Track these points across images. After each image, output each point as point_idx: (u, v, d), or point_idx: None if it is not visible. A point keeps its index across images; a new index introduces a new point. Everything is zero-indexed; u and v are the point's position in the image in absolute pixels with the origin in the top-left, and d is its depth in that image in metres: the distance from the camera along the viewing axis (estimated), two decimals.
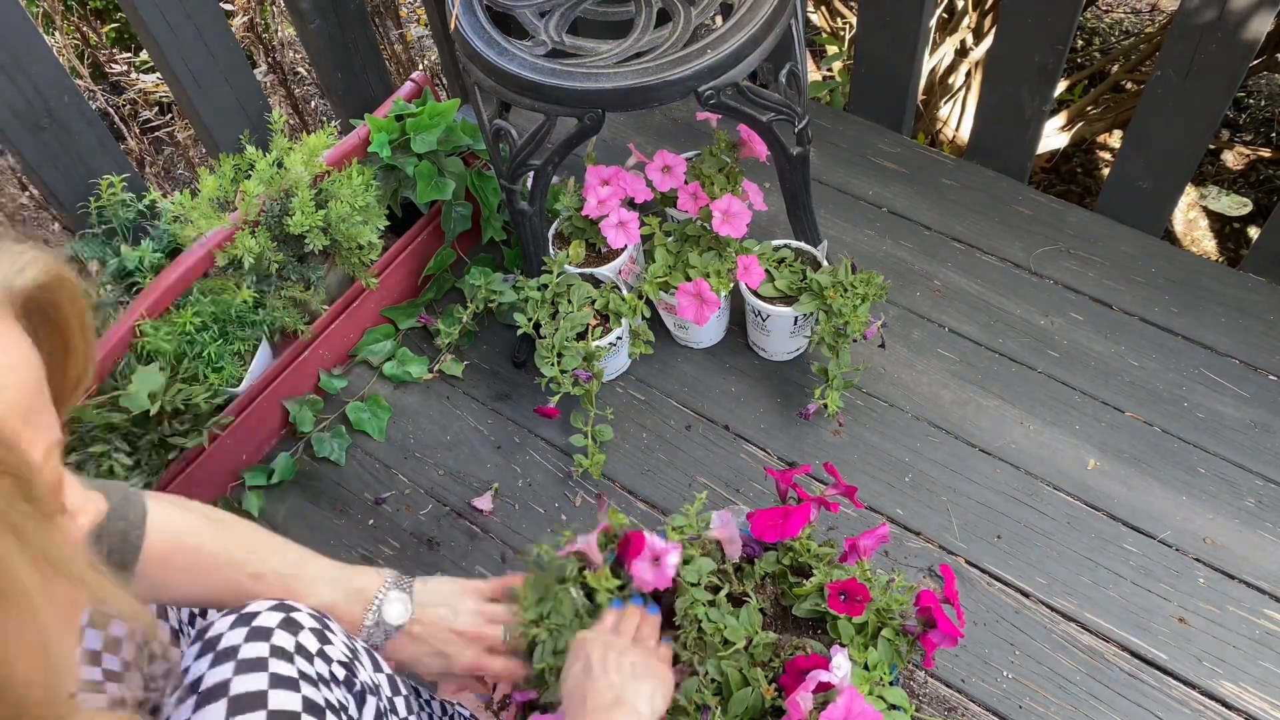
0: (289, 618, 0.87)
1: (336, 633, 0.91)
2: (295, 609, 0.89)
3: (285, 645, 0.84)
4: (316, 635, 0.87)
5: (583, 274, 1.56)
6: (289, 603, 0.89)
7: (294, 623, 0.86)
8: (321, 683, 0.83)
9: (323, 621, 0.90)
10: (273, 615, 0.86)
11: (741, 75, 1.26)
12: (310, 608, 0.91)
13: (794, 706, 1.01)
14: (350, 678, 0.89)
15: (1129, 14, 2.73)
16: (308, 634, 0.86)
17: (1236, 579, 1.38)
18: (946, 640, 1.07)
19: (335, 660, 0.87)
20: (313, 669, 0.84)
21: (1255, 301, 1.62)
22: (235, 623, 0.85)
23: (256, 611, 0.86)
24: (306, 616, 0.88)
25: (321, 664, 0.85)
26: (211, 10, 1.54)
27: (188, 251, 1.48)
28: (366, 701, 0.90)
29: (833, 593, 1.09)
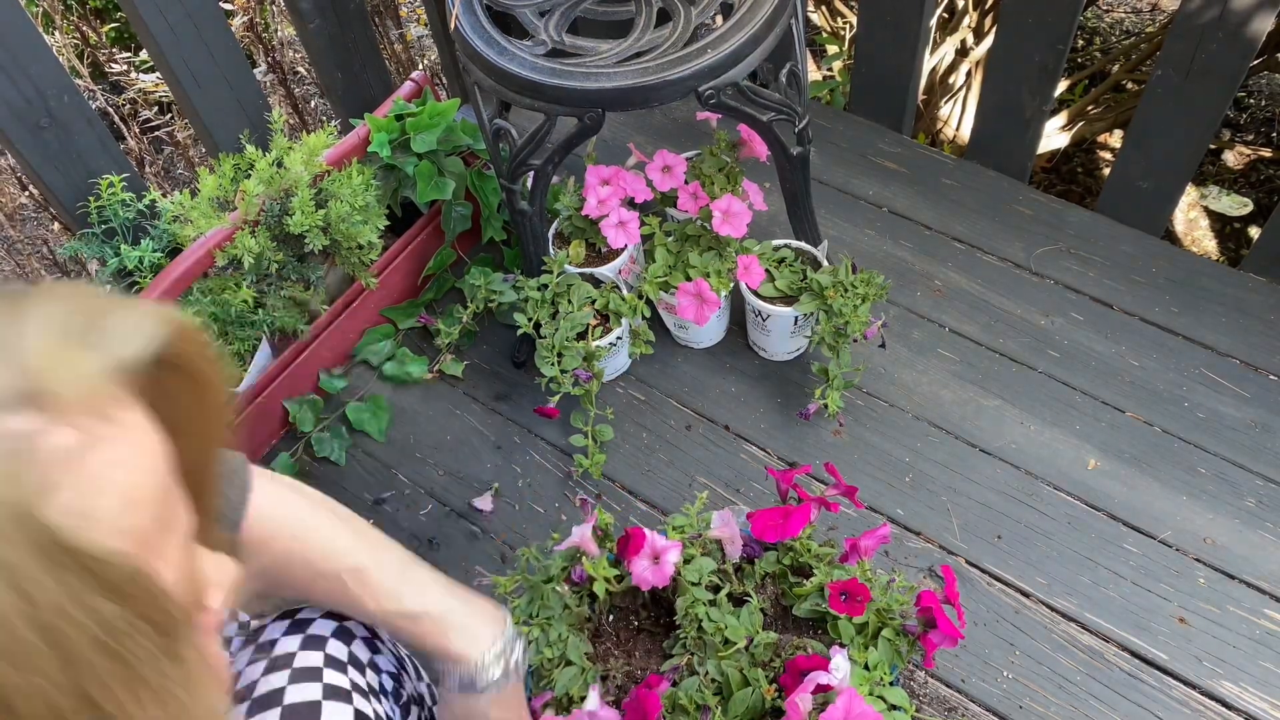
0: (343, 626, 0.86)
1: (385, 641, 0.90)
2: (347, 617, 0.88)
3: (339, 655, 0.83)
4: (368, 645, 0.87)
5: (583, 274, 1.56)
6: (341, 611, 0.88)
7: (347, 632, 0.86)
8: (372, 694, 0.83)
9: (374, 631, 0.89)
10: (326, 623, 0.86)
11: (741, 75, 1.26)
12: None
13: (793, 708, 1.01)
14: (398, 689, 0.88)
15: (1129, 14, 2.73)
16: (360, 644, 0.86)
17: (1236, 579, 1.38)
18: (947, 641, 1.07)
19: (385, 671, 0.87)
20: (364, 680, 0.83)
21: (1255, 301, 1.62)
22: (289, 629, 0.84)
23: (311, 619, 0.86)
24: (358, 625, 0.88)
25: (373, 674, 0.85)
26: (211, 10, 1.54)
27: (187, 251, 1.48)
28: (410, 712, 0.90)
29: (833, 593, 1.09)
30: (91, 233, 1.54)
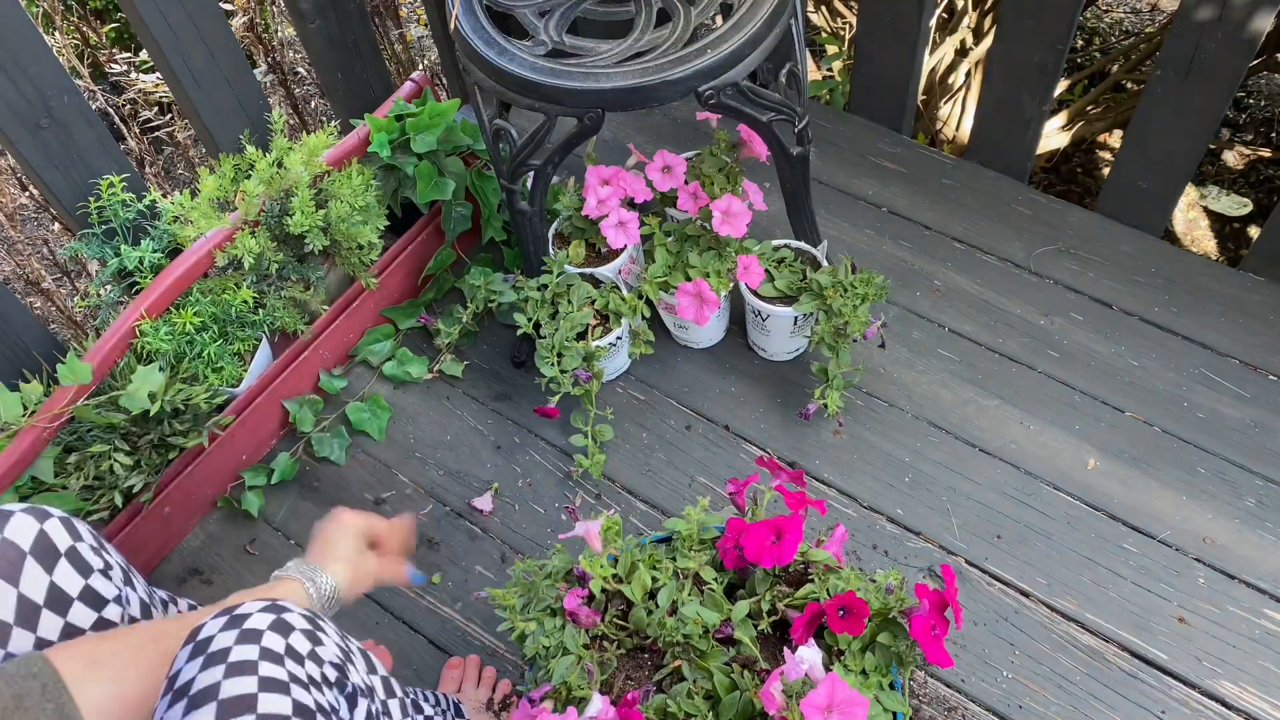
0: (280, 619, 0.86)
1: (329, 634, 0.90)
2: (287, 609, 0.88)
3: (275, 648, 0.83)
4: (308, 636, 0.87)
5: (583, 274, 1.56)
6: (281, 603, 0.88)
7: (285, 624, 0.86)
8: (312, 685, 0.83)
9: (315, 623, 0.89)
10: (264, 617, 0.86)
11: (741, 75, 1.26)
12: (299, 607, 0.90)
13: (768, 699, 1.01)
14: (342, 679, 0.88)
15: (1129, 14, 2.73)
16: (299, 635, 0.86)
17: (1236, 579, 1.38)
18: (940, 661, 1.07)
19: (327, 662, 0.87)
20: (303, 671, 0.83)
21: (1255, 301, 1.62)
22: (226, 624, 0.85)
23: (248, 613, 0.86)
24: (298, 618, 0.88)
25: (313, 666, 0.85)
26: (211, 10, 1.54)
27: (188, 251, 1.48)
28: (358, 704, 0.89)
29: (831, 611, 1.08)
30: (91, 233, 1.54)
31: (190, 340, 1.49)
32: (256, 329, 1.56)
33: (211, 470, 1.54)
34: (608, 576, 1.16)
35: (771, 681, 1.01)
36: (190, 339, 1.49)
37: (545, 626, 1.15)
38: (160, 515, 1.50)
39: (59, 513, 0.94)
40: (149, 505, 1.48)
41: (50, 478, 1.39)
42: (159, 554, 1.55)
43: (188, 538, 1.57)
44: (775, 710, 1.01)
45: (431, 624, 1.45)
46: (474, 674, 1.38)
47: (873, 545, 1.45)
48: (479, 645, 1.43)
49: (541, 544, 1.50)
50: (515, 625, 1.16)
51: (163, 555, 1.55)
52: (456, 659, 1.40)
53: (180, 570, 1.54)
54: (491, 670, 1.38)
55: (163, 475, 1.49)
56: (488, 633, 1.44)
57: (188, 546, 1.56)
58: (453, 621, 1.45)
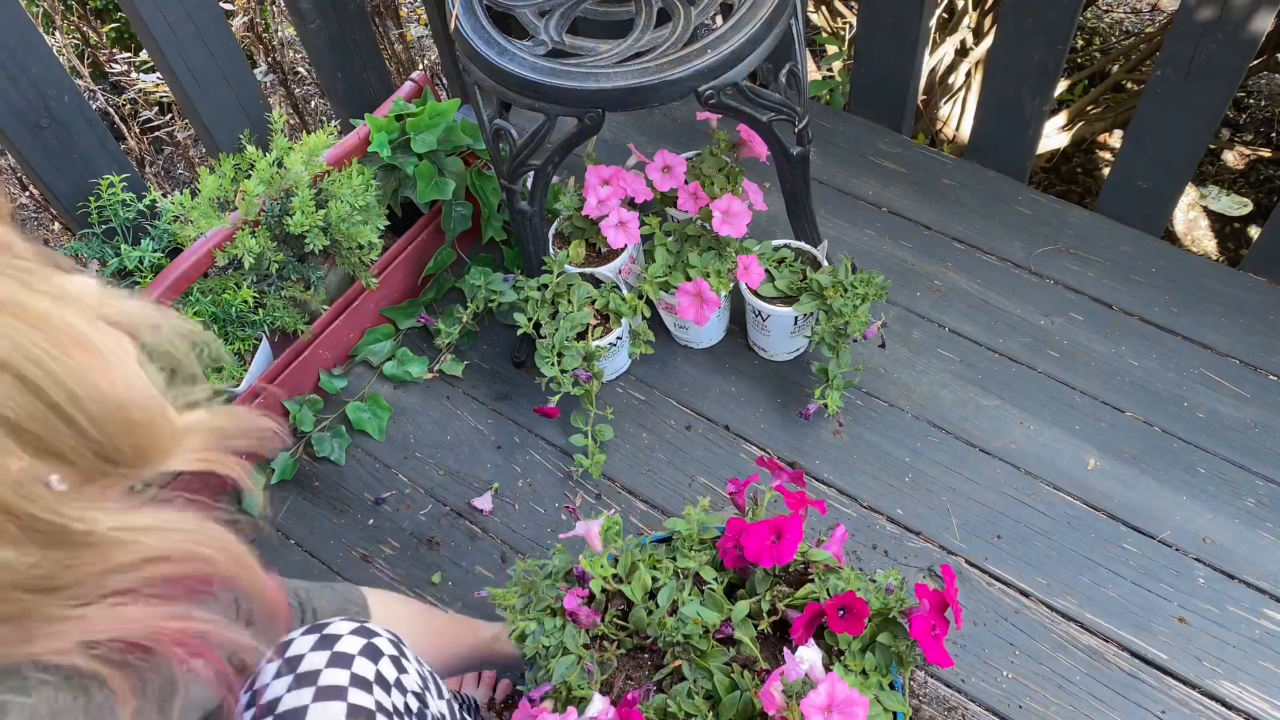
0: (370, 644, 0.85)
1: (411, 660, 0.89)
2: (376, 634, 0.87)
3: (365, 674, 0.82)
4: (394, 663, 0.86)
5: (583, 274, 1.56)
6: (370, 626, 0.87)
7: (375, 649, 0.85)
8: (396, 715, 0.82)
9: (400, 648, 0.89)
10: (355, 641, 0.85)
11: (741, 75, 1.26)
12: (387, 631, 0.89)
13: (767, 698, 1.01)
14: (423, 709, 0.88)
15: (1129, 14, 2.73)
16: (387, 662, 0.85)
17: (1236, 579, 1.38)
18: (940, 661, 1.07)
19: (410, 691, 0.86)
20: (389, 700, 0.83)
21: (1255, 301, 1.62)
22: (317, 644, 0.84)
23: (339, 635, 0.85)
24: (386, 643, 0.87)
25: (398, 695, 0.84)
26: (211, 10, 1.54)
27: (188, 251, 1.48)
28: None
29: (831, 612, 1.08)
30: (92, 233, 1.54)
31: None
32: (256, 329, 1.56)
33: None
34: (608, 576, 1.16)
35: (771, 681, 1.01)
36: None
37: (545, 626, 1.15)
38: None
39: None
40: None
41: None
42: None
43: None
44: (775, 710, 1.01)
45: None
46: (474, 674, 1.38)
47: (873, 545, 1.45)
48: None
49: (541, 544, 1.50)
50: (515, 625, 1.16)
51: None
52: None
53: None
54: (491, 670, 1.38)
55: None
56: None
57: None
58: None
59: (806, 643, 1.06)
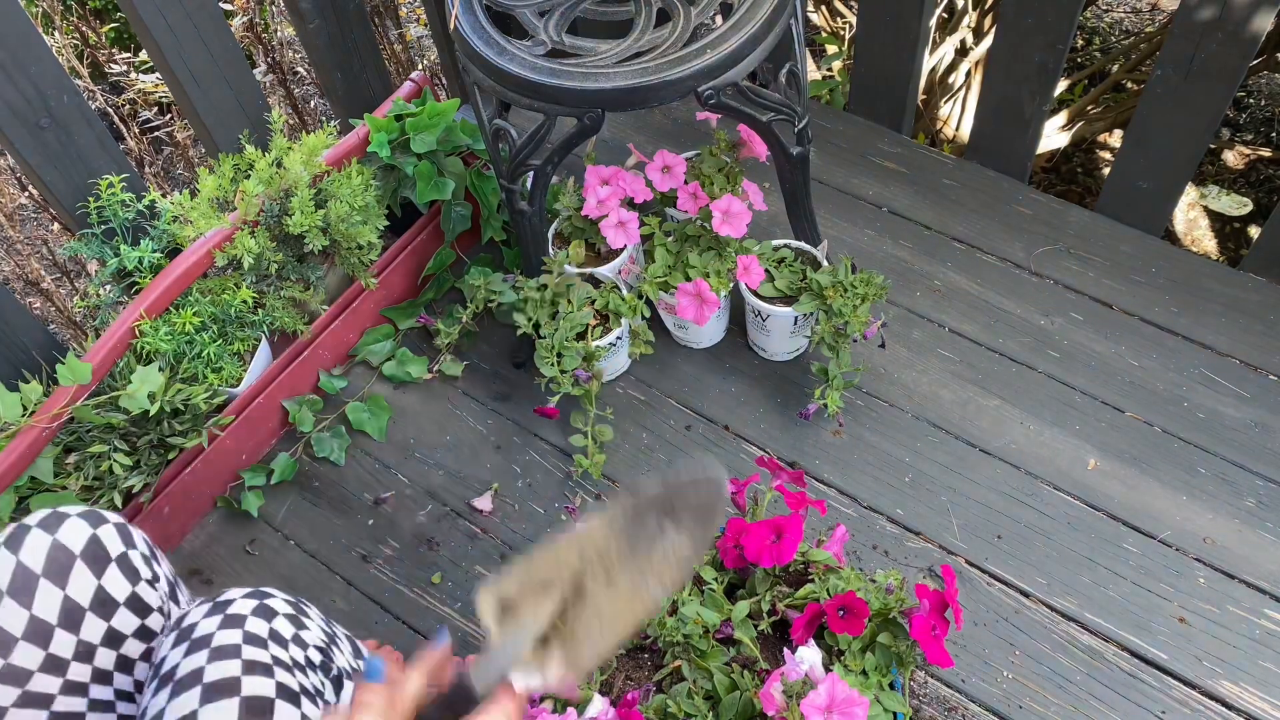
0: (263, 604, 0.87)
1: (314, 618, 0.91)
2: (270, 595, 0.89)
3: (259, 632, 0.84)
4: (291, 621, 0.88)
5: (583, 274, 1.56)
6: (264, 590, 0.89)
7: (268, 609, 0.87)
8: (296, 668, 0.84)
9: (299, 608, 0.90)
10: (247, 603, 0.86)
11: (741, 75, 1.26)
12: (284, 594, 0.91)
13: (767, 699, 1.01)
14: (326, 662, 0.89)
15: (1129, 14, 2.73)
16: (282, 619, 0.87)
17: (1236, 579, 1.38)
18: (940, 661, 1.07)
19: (311, 645, 0.88)
20: (287, 654, 0.84)
21: (1255, 301, 1.62)
22: (210, 611, 0.85)
23: (231, 599, 0.87)
24: (281, 603, 0.89)
25: (297, 649, 0.86)
26: (211, 10, 1.54)
27: (187, 251, 1.48)
28: (344, 686, 0.90)
29: (831, 612, 1.08)
30: (91, 233, 1.54)
31: (190, 340, 1.49)
32: (256, 329, 1.56)
33: (211, 470, 1.54)
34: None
35: (771, 682, 1.01)
36: (190, 339, 1.49)
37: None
38: (160, 515, 1.50)
39: (115, 519, 0.93)
40: (149, 505, 1.48)
41: (50, 478, 1.39)
42: None
43: (187, 538, 1.57)
44: (775, 710, 1.01)
45: (431, 624, 1.45)
46: None
47: (873, 545, 1.45)
48: (479, 645, 1.43)
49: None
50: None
51: None
52: (456, 659, 1.40)
53: (180, 570, 1.54)
54: None
55: (162, 475, 1.49)
56: None
57: (187, 546, 1.56)
58: (453, 621, 1.45)
59: (806, 643, 1.06)
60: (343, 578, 1.51)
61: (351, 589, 1.50)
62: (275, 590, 0.90)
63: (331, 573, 1.51)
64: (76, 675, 0.86)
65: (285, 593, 0.91)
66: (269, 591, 0.89)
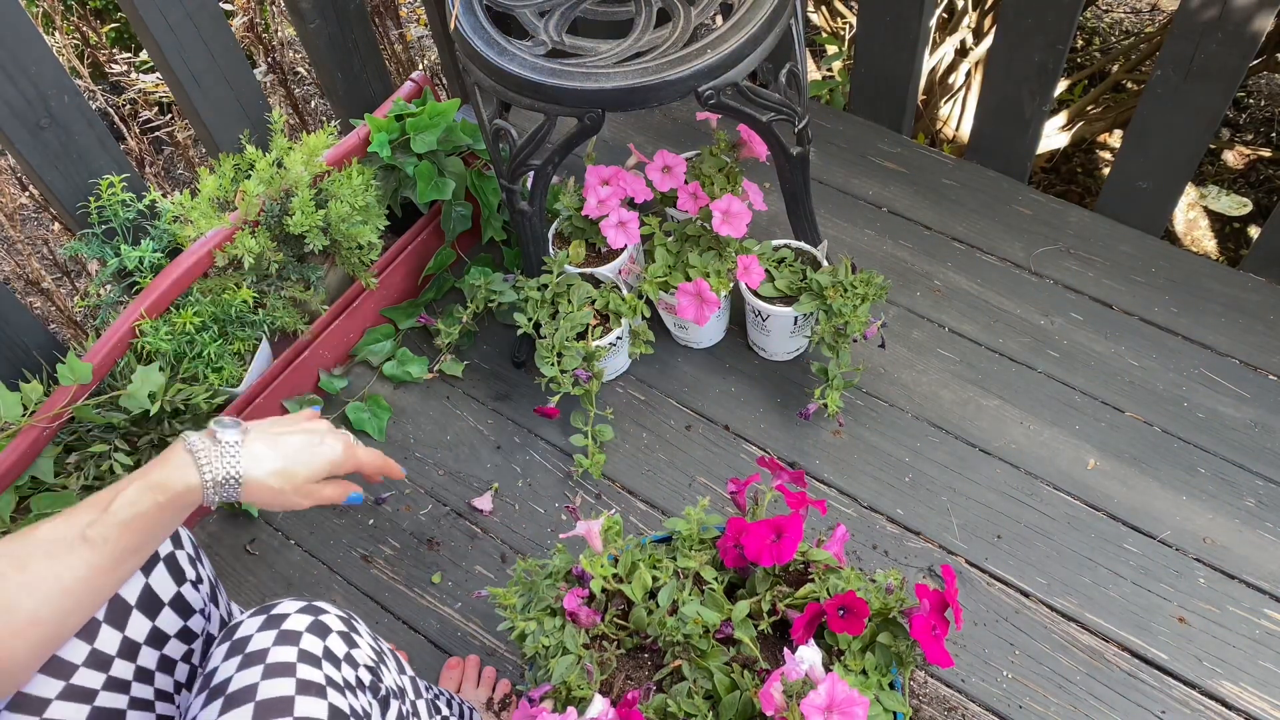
0: (318, 621, 0.87)
1: (363, 635, 0.91)
2: (324, 610, 0.88)
3: (313, 650, 0.84)
4: (344, 639, 0.87)
5: (583, 274, 1.56)
6: (318, 604, 0.89)
7: (323, 626, 0.86)
8: (347, 689, 0.83)
9: (350, 624, 0.90)
10: (302, 618, 0.86)
11: (741, 75, 1.26)
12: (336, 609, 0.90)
13: (766, 699, 1.01)
14: (376, 682, 0.89)
15: (1129, 14, 2.73)
16: (336, 638, 0.86)
17: (1236, 579, 1.38)
18: (940, 661, 1.07)
19: (362, 665, 0.87)
20: (339, 675, 0.84)
21: (1255, 301, 1.62)
22: (264, 625, 0.85)
23: (286, 614, 0.86)
24: (335, 619, 0.88)
25: (349, 669, 0.85)
26: (211, 10, 1.54)
27: (187, 251, 1.48)
28: (390, 706, 0.90)
29: (831, 612, 1.08)
30: (91, 233, 1.54)
31: (190, 340, 1.49)
32: (256, 329, 1.56)
33: None
34: (608, 576, 1.16)
35: (771, 682, 1.01)
36: (190, 339, 1.49)
37: (545, 626, 1.15)
38: None
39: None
40: None
41: (50, 478, 1.39)
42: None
43: None
44: (775, 710, 1.01)
45: (431, 624, 1.45)
46: (474, 674, 1.38)
47: (873, 545, 1.45)
48: (479, 645, 1.43)
49: (541, 544, 1.50)
50: (515, 625, 1.16)
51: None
52: (456, 659, 1.40)
53: None
54: (491, 670, 1.38)
55: None
56: (488, 632, 1.44)
57: None
58: (452, 621, 1.45)
59: (806, 643, 1.06)
60: (343, 577, 1.51)
61: (351, 589, 1.50)
62: (328, 605, 0.90)
63: (331, 573, 1.51)
64: (119, 672, 0.86)
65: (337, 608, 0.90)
66: (323, 607, 0.89)
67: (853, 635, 1.10)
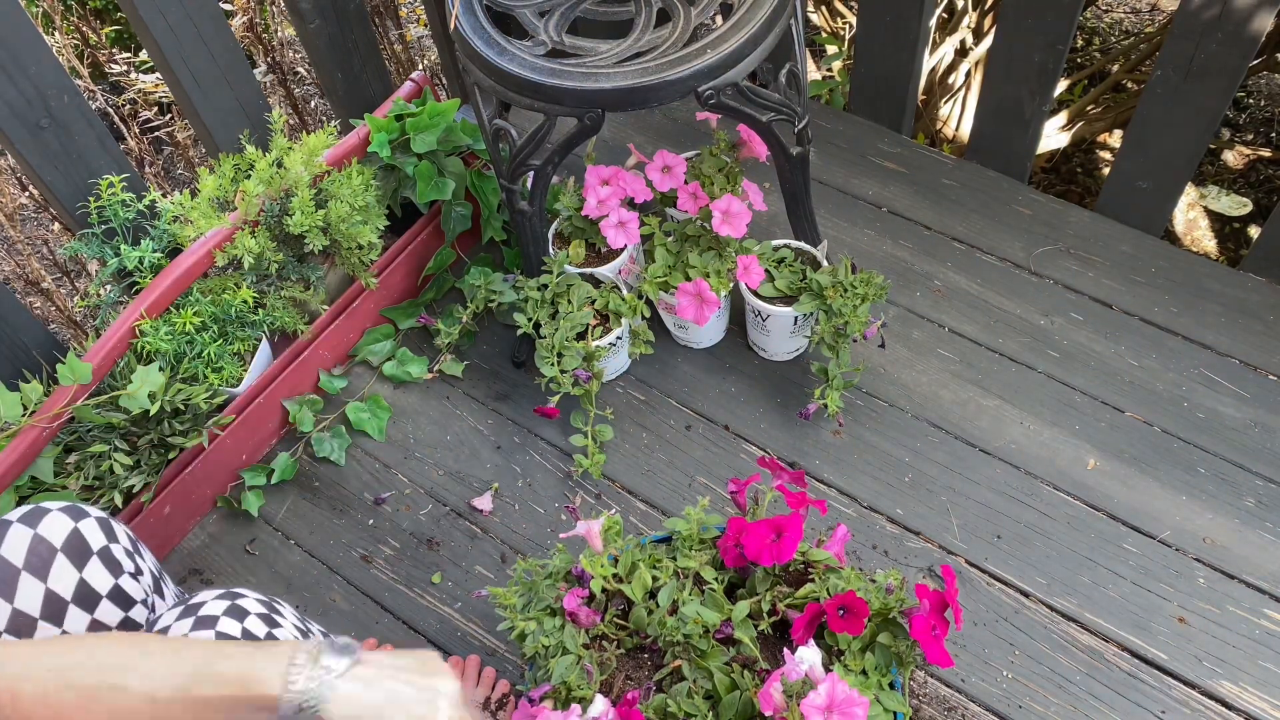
0: (235, 605, 0.89)
1: (287, 616, 0.93)
2: (241, 595, 0.91)
3: (231, 632, 0.86)
4: (264, 620, 0.89)
5: (583, 274, 1.56)
6: (236, 590, 0.91)
7: (240, 610, 0.89)
8: None
9: (271, 606, 0.92)
10: (218, 604, 0.89)
11: (741, 75, 1.26)
12: (256, 594, 0.93)
13: (765, 699, 1.01)
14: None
15: (1129, 14, 2.73)
16: (255, 619, 0.89)
17: (1236, 579, 1.38)
18: (940, 661, 1.07)
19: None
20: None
21: (1255, 301, 1.62)
22: (182, 614, 0.88)
23: (202, 601, 0.89)
24: (253, 603, 0.91)
25: None
26: (211, 10, 1.54)
27: (187, 251, 1.48)
28: None
29: (831, 612, 1.08)
30: (91, 233, 1.54)
31: (190, 340, 1.49)
32: (256, 329, 1.56)
33: (211, 470, 1.54)
34: (608, 576, 1.16)
35: (771, 682, 1.01)
36: (190, 339, 1.49)
37: (545, 626, 1.15)
38: (160, 515, 1.50)
39: (97, 513, 0.94)
40: (149, 505, 1.48)
41: (50, 478, 1.39)
42: (159, 554, 1.55)
43: (187, 538, 1.57)
44: (774, 711, 1.01)
45: (431, 624, 1.45)
46: (473, 674, 1.38)
47: (873, 545, 1.45)
48: (479, 645, 1.43)
49: (541, 544, 1.50)
50: (515, 625, 1.16)
51: (163, 555, 1.55)
52: (455, 658, 1.40)
53: (180, 570, 1.54)
54: (491, 670, 1.38)
55: (163, 475, 1.49)
56: (487, 632, 1.44)
57: (188, 546, 1.56)
58: (452, 621, 1.45)
59: (806, 643, 1.06)
60: (343, 577, 1.51)
61: (351, 589, 1.50)
62: (247, 590, 0.92)
63: (331, 573, 1.51)
64: None
65: (257, 593, 0.93)
66: (240, 592, 0.91)
67: (853, 635, 1.10)
